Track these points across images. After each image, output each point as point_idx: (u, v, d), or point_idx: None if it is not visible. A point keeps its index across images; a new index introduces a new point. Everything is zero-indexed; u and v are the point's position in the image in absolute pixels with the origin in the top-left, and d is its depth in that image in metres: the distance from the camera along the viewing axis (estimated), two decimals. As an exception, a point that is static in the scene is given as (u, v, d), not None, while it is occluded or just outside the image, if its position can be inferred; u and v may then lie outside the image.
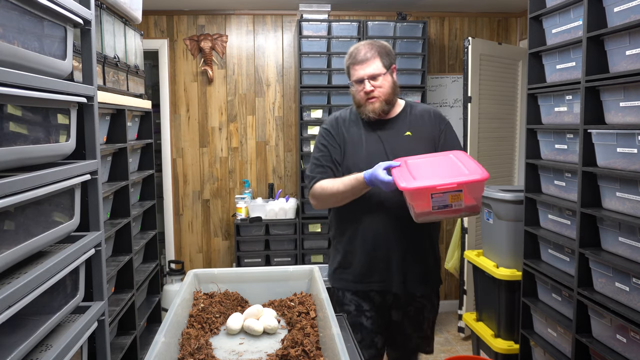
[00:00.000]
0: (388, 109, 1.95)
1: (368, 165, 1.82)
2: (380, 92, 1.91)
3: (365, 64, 1.90)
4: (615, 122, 2.01)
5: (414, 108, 2.00)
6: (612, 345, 2.00)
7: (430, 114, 1.99)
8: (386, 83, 1.91)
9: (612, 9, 2.00)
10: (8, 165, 1.13)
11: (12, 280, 1.12)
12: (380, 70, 1.90)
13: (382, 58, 1.90)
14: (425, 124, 1.97)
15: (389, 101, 1.93)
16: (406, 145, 1.92)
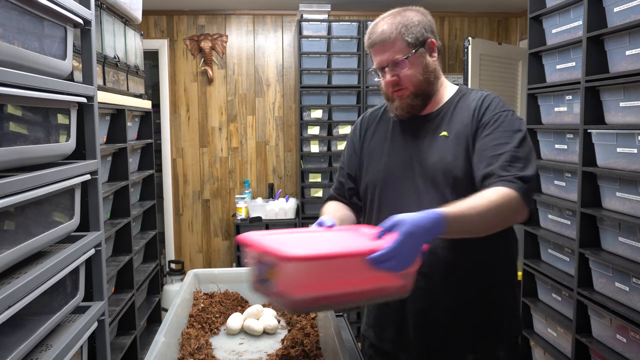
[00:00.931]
0: (422, 103, 1.38)
1: (384, 183, 1.40)
2: (408, 82, 1.34)
3: (384, 45, 1.34)
4: (615, 122, 2.01)
5: (466, 96, 1.38)
6: (612, 345, 2.00)
7: (478, 102, 1.34)
8: (414, 69, 1.34)
9: (612, 9, 2.00)
10: (8, 165, 1.13)
11: (12, 280, 1.12)
12: (402, 52, 1.33)
13: (407, 34, 1.33)
14: (465, 117, 1.34)
15: (420, 92, 1.36)
16: (438, 150, 1.34)
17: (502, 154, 1.24)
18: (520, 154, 1.24)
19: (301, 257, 0.95)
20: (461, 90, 1.41)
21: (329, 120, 3.84)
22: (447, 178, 1.30)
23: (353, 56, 3.84)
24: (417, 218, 1.05)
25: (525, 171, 1.21)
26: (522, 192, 1.17)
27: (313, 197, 3.90)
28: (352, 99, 3.87)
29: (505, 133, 1.28)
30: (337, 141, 3.87)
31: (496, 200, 1.15)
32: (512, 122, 1.30)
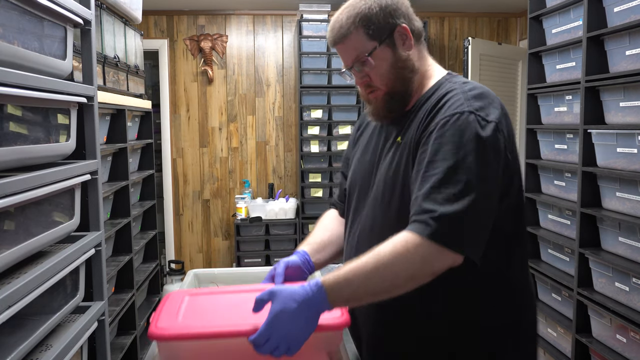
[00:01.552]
0: (399, 105, 1.13)
1: (350, 192, 1.25)
2: (378, 82, 1.11)
3: (343, 43, 1.12)
4: (615, 122, 2.00)
5: (437, 92, 1.10)
6: (612, 345, 2.00)
7: (437, 100, 1.07)
8: (382, 66, 1.10)
9: (612, 9, 2.00)
10: (8, 165, 1.13)
11: (12, 280, 1.12)
12: (364, 48, 1.09)
13: (367, 26, 1.09)
14: (419, 121, 1.08)
15: (394, 92, 1.12)
16: (389, 159, 1.13)
17: (425, 181, 0.97)
18: (450, 180, 0.94)
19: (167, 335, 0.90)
20: (440, 82, 1.13)
21: (329, 120, 3.84)
22: (392, 194, 1.08)
23: (353, 56, 3.83)
24: (292, 290, 0.94)
25: (448, 205, 0.93)
26: (433, 235, 0.92)
27: (313, 197, 3.90)
28: (352, 99, 3.87)
29: (442, 148, 0.97)
30: (337, 141, 3.87)
31: (389, 253, 0.94)
32: (459, 131, 0.97)
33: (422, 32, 1.16)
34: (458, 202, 0.93)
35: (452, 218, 0.93)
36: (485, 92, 1.05)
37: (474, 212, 0.94)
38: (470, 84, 1.08)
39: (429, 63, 1.18)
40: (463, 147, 0.96)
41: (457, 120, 0.99)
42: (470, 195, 0.94)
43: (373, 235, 1.09)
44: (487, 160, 0.97)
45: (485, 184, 0.97)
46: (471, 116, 0.99)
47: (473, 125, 0.98)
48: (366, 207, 1.16)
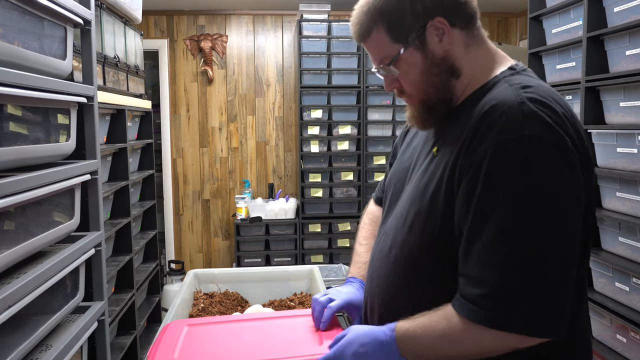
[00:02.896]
0: (435, 116, 0.93)
1: (385, 193, 1.11)
2: (410, 89, 0.93)
3: (365, 42, 0.96)
4: (615, 122, 2.01)
5: (488, 96, 0.85)
6: (612, 345, 2.00)
7: (479, 113, 0.82)
8: (411, 72, 0.90)
9: (612, 9, 2.00)
10: (8, 165, 1.13)
11: (12, 280, 1.12)
12: (386, 51, 0.91)
13: (389, 25, 0.89)
14: (459, 137, 0.85)
15: (431, 104, 0.92)
16: (421, 171, 0.95)
17: (471, 249, 0.78)
18: (495, 255, 0.75)
19: None
20: (496, 80, 0.88)
21: (329, 120, 3.84)
22: (416, 217, 0.90)
23: (353, 56, 3.83)
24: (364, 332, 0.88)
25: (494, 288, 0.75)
26: (477, 318, 0.76)
27: (313, 197, 3.90)
28: (352, 99, 3.87)
29: (482, 206, 0.77)
30: (337, 141, 3.87)
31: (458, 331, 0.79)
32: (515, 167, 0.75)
33: (476, 14, 0.90)
34: (525, 274, 0.74)
35: (506, 300, 0.75)
36: (553, 98, 0.81)
37: (549, 282, 0.74)
38: (533, 89, 0.81)
39: (486, 52, 0.92)
40: (521, 195, 0.74)
41: (514, 150, 0.75)
42: (541, 263, 0.74)
43: (389, 260, 0.95)
44: (557, 209, 0.75)
45: (558, 242, 0.75)
46: (534, 143, 0.74)
47: (539, 160, 0.74)
48: (390, 221, 1.00)
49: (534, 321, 0.74)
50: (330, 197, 3.91)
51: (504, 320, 0.75)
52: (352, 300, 1.08)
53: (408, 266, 0.90)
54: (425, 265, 0.88)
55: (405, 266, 0.91)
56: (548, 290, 0.75)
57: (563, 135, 0.76)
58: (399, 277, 0.93)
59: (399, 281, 0.93)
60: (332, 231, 3.92)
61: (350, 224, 3.91)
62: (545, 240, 0.74)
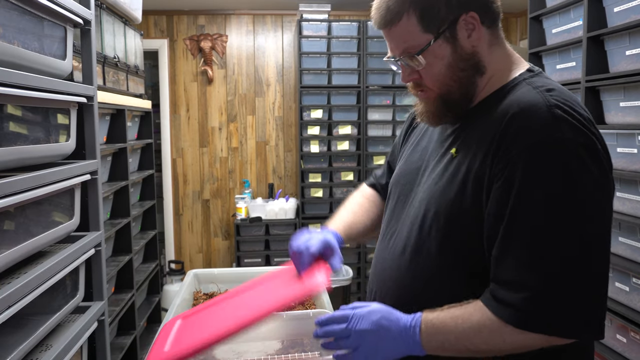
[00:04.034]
0: (453, 112, 0.92)
1: (391, 192, 1.08)
2: (430, 83, 0.90)
3: (390, 29, 0.89)
4: (615, 122, 2.01)
5: (510, 97, 0.85)
6: (612, 345, 2.00)
7: (503, 116, 0.82)
8: (437, 63, 0.87)
9: (612, 9, 2.00)
10: (8, 165, 1.13)
11: (12, 280, 1.12)
12: (414, 40, 0.87)
13: (422, 13, 0.85)
14: (482, 136, 0.85)
15: (451, 98, 0.90)
16: (437, 173, 0.93)
17: (507, 252, 0.78)
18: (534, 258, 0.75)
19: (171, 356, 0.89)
20: (516, 81, 0.87)
21: (329, 120, 3.84)
22: (435, 219, 0.88)
23: (353, 56, 3.83)
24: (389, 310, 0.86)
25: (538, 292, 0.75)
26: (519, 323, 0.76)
27: (313, 197, 3.90)
28: (352, 99, 3.87)
29: (519, 209, 0.77)
30: (337, 141, 3.87)
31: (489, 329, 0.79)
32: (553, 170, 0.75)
33: (500, 13, 0.91)
34: (567, 277, 0.74)
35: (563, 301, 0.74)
36: (576, 101, 0.82)
37: (591, 283, 0.75)
38: (557, 93, 0.81)
39: (505, 53, 0.92)
40: (559, 197, 0.75)
41: (548, 153, 0.75)
42: (583, 264, 0.75)
43: (402, 262, 0.94)
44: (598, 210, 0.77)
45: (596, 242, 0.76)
46: (569, 146, 0.75)
47: (574, 162, 0.75)
48: (402, 221, 0.98)
49: (578, 324, 0.75)
50: (330, 197, 3.91)
51: (548, 324, 0.75)
52: (328, 242, 1.04)
53: (426, 266, 0.90)
54: (443, 265, 0.87)
55: (423, 266, 0.90)
56: (590, 292, 0.75)
57: (592, 137, 0.77)
58: (415, 278, 0.92)
59: (414, 282, 0.92)
60: (332, 231, 3.91)
61: (350, 224, 3.90)
62: (585, 240, 0.75)
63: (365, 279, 3.91)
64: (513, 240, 0.77)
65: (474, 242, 0.84)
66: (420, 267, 0.90)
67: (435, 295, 0.88)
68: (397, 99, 3.86)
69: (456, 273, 0.87)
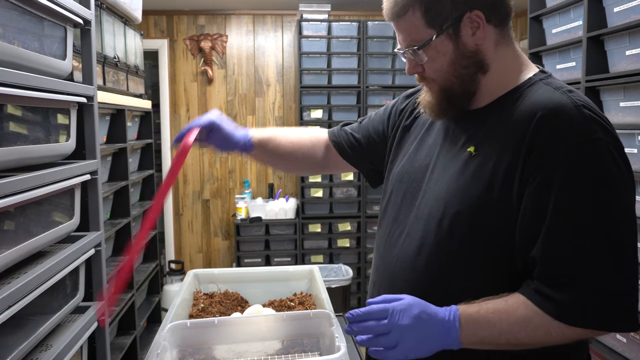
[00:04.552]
0: (454, 106, 0.94)
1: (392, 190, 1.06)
2: (433, 75, 0.92)
3: (397, 22, 0.92)
4: (615, 122, 2.01)
5: (528, 96, 0.87)
6: (612, 345, 2.00)
7: (532, 117, 0.83)
8: (439, 59, 0.90)
9: (612, 9, 2.00)
10: (8, 165, 1.13)
11: (12, 280, 1.11)
12: (418, 34, 0.89)
13: (427, 8, 0.87)
14: (507, 135, 0.86)
15: (452, 93, 0.92)
16: (452, 173, 0.92)
17: (551, 250, 0.80)
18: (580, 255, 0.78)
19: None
20: (531, 82, 0.89)
21: (329, 120, 3.84)
22: (456, 219, 0.88)
23: (353, 56, 3.83)
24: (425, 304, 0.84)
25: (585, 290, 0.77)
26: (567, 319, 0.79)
27: (313, 197, 3.90)
28: (352, 99, 3.87)
29: (562, 208, 0.78)
30: (337, 141, 3.87)
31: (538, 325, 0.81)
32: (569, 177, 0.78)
33: (510, 13, 0.91)
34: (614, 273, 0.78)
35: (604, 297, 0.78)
36: (593, 104, 0.84)
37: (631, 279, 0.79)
38: (576, 94, 0.84)
39: (514, 53, 0.93)
40: (605, 196, 0.78)
41: (589, 154, 0.78)
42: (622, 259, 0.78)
43: (419, 263, 0.92)
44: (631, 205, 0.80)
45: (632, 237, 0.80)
46: (603, 146, 0.79)
47: (610, 161, 0.79)
48: (412, 220, 0.97)
49: (620, 319, 0.79)
50: (330, 197, 3.91)
51: (595, 319, 0.78)
52: (218, 122, 1.10)
53: (447, 266, 0.89)
54: (466, 264, 0.87)
55: (444, 266, 0.89)
56: (628, 288, 0.78)
57: (617, 137, 0.82)
58: (434, 278, 0.91)
59: (435, 282, 0.91)
60: (332, 231, 3.92)
61: (350, 224, 3.91)
62: (624, 239, 0.78)
63: (365, 279, 3.91)
64: (558, 238, 0.79)
65: (498, 241, 0.85)
66: (441, 267, 0.90)
67: (458, 295, 0.87)
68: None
69: (479, 272, 0.87)
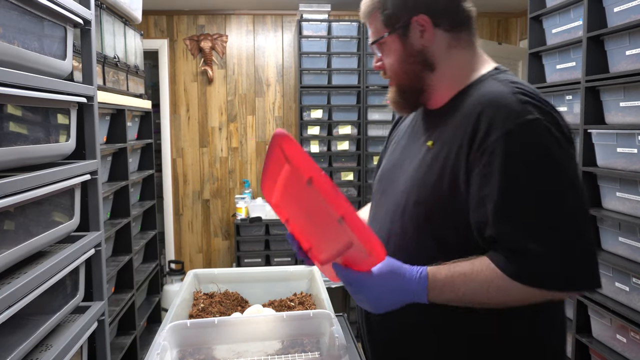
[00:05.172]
0: (407, 102, 1.06)
1: (375, 187, 1.17)
2: (389, 70, 1.05)
3: (366, 20, 1.07)
4: (615, 122, 2.01)
5: (478, 91, 0.95)
6: (612, 345, 2.00)
7: (476, 108, 0.91)
8: (390, 56, 1.03)
9: (612, 9, 2.00)
10: (8, 165, 1.13)
11: (12, 280, 1.12)
12: (377, 32, 1.03)
13: (383, 10, 1.01)
14: (458, 126, 0.94)
15: (404, 88, 1.04)
16: (414, 165, 1.02)
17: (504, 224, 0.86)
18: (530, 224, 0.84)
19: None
20: (483, 78, 0.98)
21: (329, 120, 3.84)
22: (416, 206, 0.97)
23: (353, 56, 3.83)
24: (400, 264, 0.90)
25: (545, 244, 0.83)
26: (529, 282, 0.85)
27: (313, 197, 3.90)
28: (352, 99, 3.87)
29: (517, 172, 0.85)
30: (337, 141, 3.87)
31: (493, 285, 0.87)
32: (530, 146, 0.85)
33: (467, 20, 1.01)
34: (558, 238, 0.83)
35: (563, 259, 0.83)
36: (536, 90, 0.93)
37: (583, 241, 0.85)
38: (520, 84, 0.92)
39: (469, 55, 1.02)
40: (542, 167, 0.84)
41: (526, 132, 0.85)
42: (570, 224, 0.84)
43: (388, 250, 0.94)
44: (573, 174, 0.86)
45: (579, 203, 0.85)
46: (540, 124, 0.85)
47: (548, 137, 0.85)
48: (383, 214, 1.07)
49: (576, 279, 0.84)
50: (330, 197, 3.90)
51: (553, 281, 0.84)
52: None
53: (409, 250, 0.97)
54: (425, 248, 0.95)
55: (407, 251, 0.96)
56: (582, 250, 0.84)
57: (555, 115, 0.89)
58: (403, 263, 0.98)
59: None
60: (332, 231, 3.91)
61: (350, 224, 3.90)
62: (569, 204, 0.84)
63: (365, 279, 3.90)
64: (507, 214, 0.85)
65: (454, 225, 0.92)
66: (406, 252, 0.97)
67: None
68: (397, 99, 3.86)
69: (441, 255, 0.93)
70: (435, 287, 0.89)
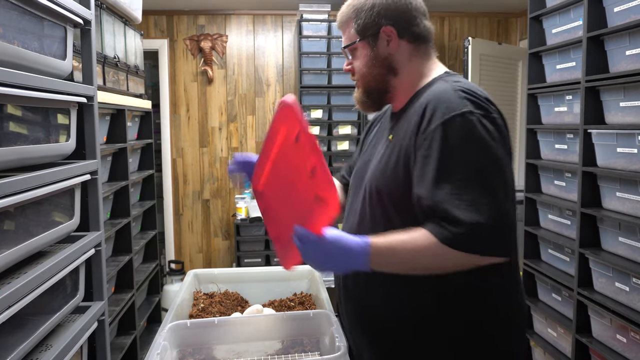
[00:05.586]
0: (372, 102, 1.22)
1: (350, 187, 1.33)
2: (356, 74, 1.22)
3: (341, 27, 1.23)
4: (615, 122, 2.01)
5: (429, 91, 1.11)
6: (612, 345, 2.00)
7: (422, 106, 1.07)
8: (359, 60, 1.19)
9: (612, 9, 2.00)
10: (8, 165, 1.13)
11: (12, 280, 1.12)
12: (349, 38, 1.20)
13: (355, 19, 1.17)
14: (410, 121, 1.10)
15: (369, 89, 1.20)
16: (378, 157, 1.19)
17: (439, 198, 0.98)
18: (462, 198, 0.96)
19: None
20: (434, 80, 1.15)
21: (329, 120, 3.84)
22: (379, 193, 1.13)
23: (353, 56, 3.83)
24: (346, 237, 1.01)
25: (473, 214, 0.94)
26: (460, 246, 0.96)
27: (313, 197, 3.90)
28: (352, 99, 3.85)
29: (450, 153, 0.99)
30: (337, 141, 3.87)
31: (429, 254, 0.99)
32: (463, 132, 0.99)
33: (426, 37, 1.18)
34: (480, 209, 0.95)
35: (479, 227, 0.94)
36: (477, 87, 1.08)
37: (499, 215, 0.96)
38: (463, 83, 1.09)
39: (427, 64, 1.19)
40: (472, 150, 0.99)
41: (460, 123, 1.00)
42: (492, 198, 0.96)
43: (362, 232, 1.08)
44: (499, 158, 0.99)
45: (506, 182, 1.00)
46: (473, 117, 1.00)
47: (479, 128, 0.99)
48: (357, 203, 1.22)
49: (497, 247, 0.97)
50: (330, 197, 3.90)
51: (481, 247, 0.96)
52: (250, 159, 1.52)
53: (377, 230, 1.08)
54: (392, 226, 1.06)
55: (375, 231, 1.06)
56: (503, 225, 0.96)
57: (489, 109, 1.03)
58: None
59: None
60: (332, 231, 3.91)
61: (350, 224, 3.90)
62: (494, 179, 0.97)
63: (365, 279, 3.91)
64: (439, 187, 0.98)
65: (409, 206, 1.05)
66: (375, 232, 1.06)
67: None
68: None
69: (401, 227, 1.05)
70: (377, 252, 0.99)
